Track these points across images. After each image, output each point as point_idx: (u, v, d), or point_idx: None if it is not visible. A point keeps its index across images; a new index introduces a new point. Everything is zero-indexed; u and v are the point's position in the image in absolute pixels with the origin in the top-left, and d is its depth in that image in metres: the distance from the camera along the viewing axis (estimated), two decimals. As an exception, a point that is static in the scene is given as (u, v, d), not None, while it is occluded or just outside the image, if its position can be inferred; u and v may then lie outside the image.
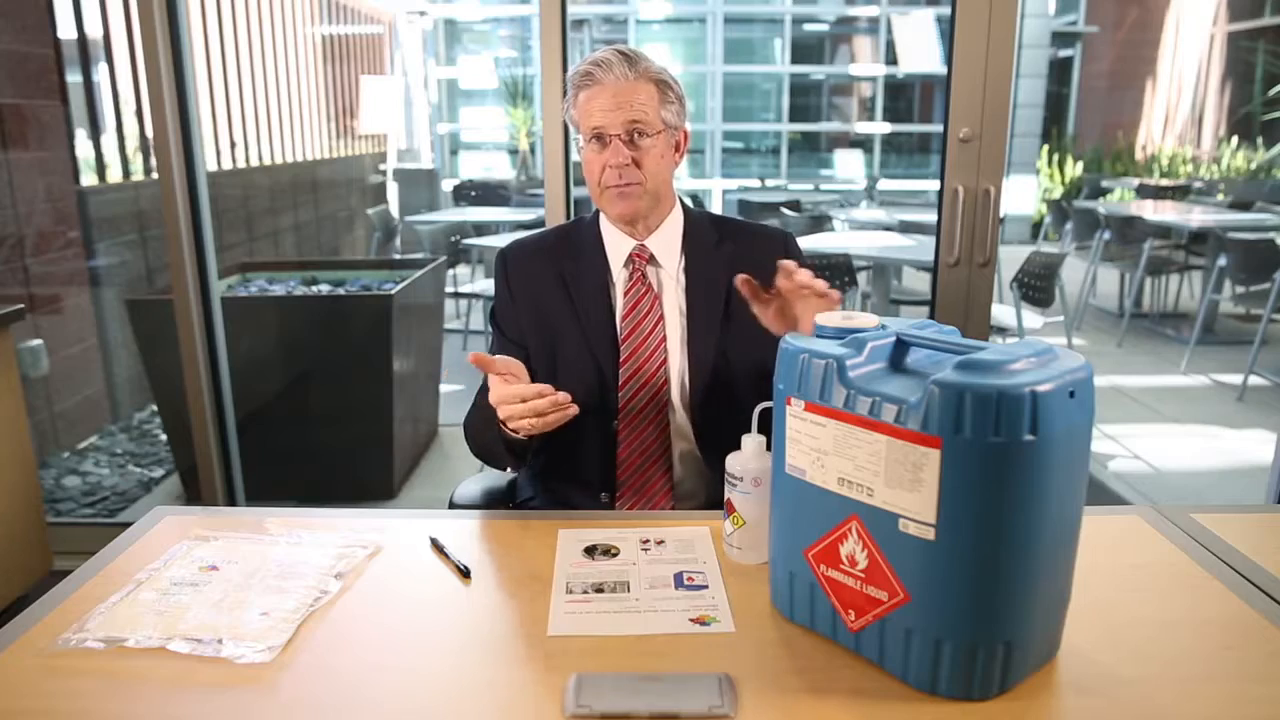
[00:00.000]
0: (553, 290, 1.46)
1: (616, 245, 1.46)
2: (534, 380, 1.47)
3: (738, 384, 1.41)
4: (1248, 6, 10.78)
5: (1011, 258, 4.61)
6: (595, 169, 1.39)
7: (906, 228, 5.47)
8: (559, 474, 1.49)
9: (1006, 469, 0.81)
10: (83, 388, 3.66)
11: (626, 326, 1.43)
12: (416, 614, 1.04)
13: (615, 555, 1.16)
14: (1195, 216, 5.99)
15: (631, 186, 1.38)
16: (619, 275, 1.46)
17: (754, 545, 1.12)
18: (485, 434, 1.38)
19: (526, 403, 1.19)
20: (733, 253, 1.46)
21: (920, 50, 10.70)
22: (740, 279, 1.22)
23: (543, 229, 1.59)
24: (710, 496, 1.43)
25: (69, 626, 0.99)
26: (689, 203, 1.55)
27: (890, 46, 10.91)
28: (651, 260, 1.45)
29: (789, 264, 1.17)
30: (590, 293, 1.45)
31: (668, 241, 1.46)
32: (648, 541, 1.20)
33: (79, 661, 0.94)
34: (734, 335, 1.42)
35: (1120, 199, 8.84)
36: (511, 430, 1.27)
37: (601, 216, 1.49)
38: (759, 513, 1.09)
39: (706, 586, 1.09)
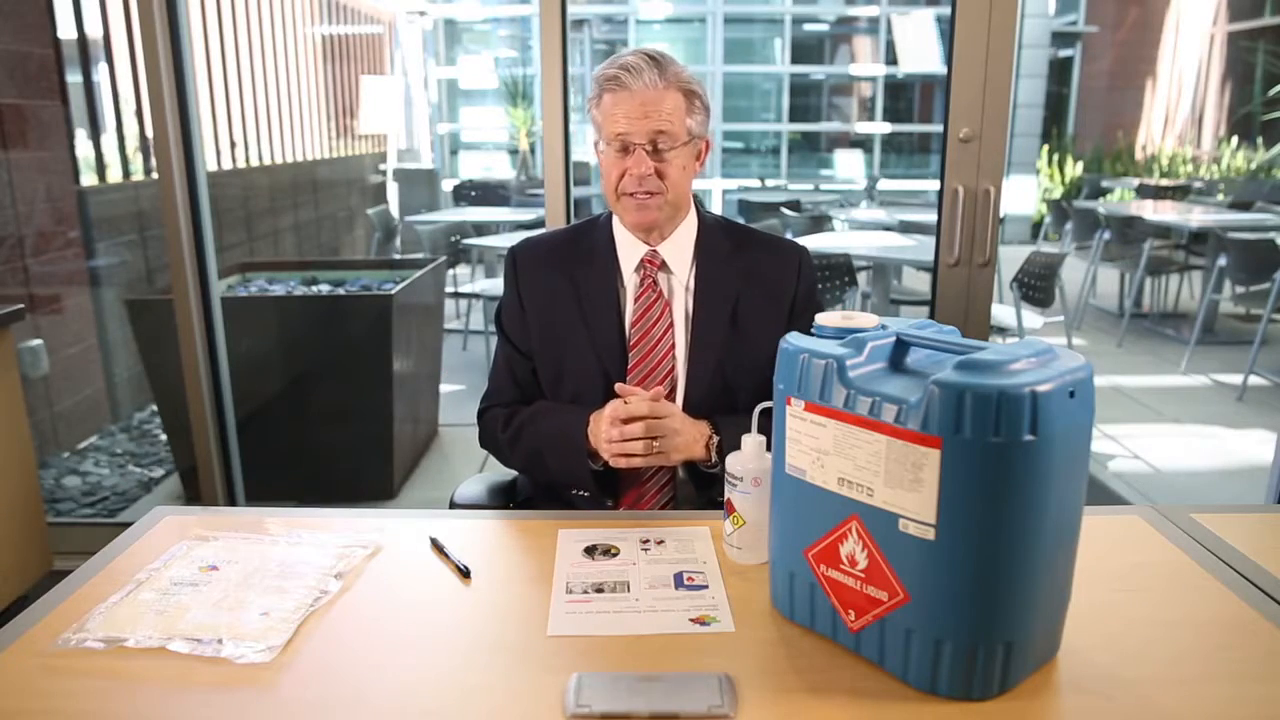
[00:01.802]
0: (562, 294, 1.45)
1: (628, 250, 1.45)
2: (539, 383, 1.48)
3: (739, 394, 1.41)
4: (1248, 6, 10.78)
5: (1011, 258, 4.61)
6: (614, 174, 1.37)
7: (906, 228, 5.47)
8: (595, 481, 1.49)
9: (1006, 469, 0.81)
10: (83, 388, 3.66)
11: (636, 333, 1.43)
12: (416, 614, 1.04)
13: (615, 555, 1.16)
14: (1195, 216, 5.99)
15: (652, 197, 1.36)
16: (630, 280, 1.45)
17: (754, 545, 1.12)
18: (565, 467, 1.40)
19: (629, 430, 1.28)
20: (745, 264, 1.45)
21: (920, 50, 10.70)
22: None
23: (555, 228, 1.58)
24: (712, 504, 1.42)
25: (69, 626, 0.99)
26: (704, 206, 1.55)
27: (890, 46, 10.91)
28: (663, 267, 1.44)
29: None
30: (600, 298, 1.44)
31: (680, 248, 1.45)
32: (648, 541, 1.20)
33: (79, 661, 0.94)
34: (737, 346, 1.42)
35: (1120, 199, 8.84)
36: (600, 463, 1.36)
37: (615, 220, 1.47)
38: (759, 513, 1.09)
39: (706, 586, 1.09)
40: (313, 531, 1.23)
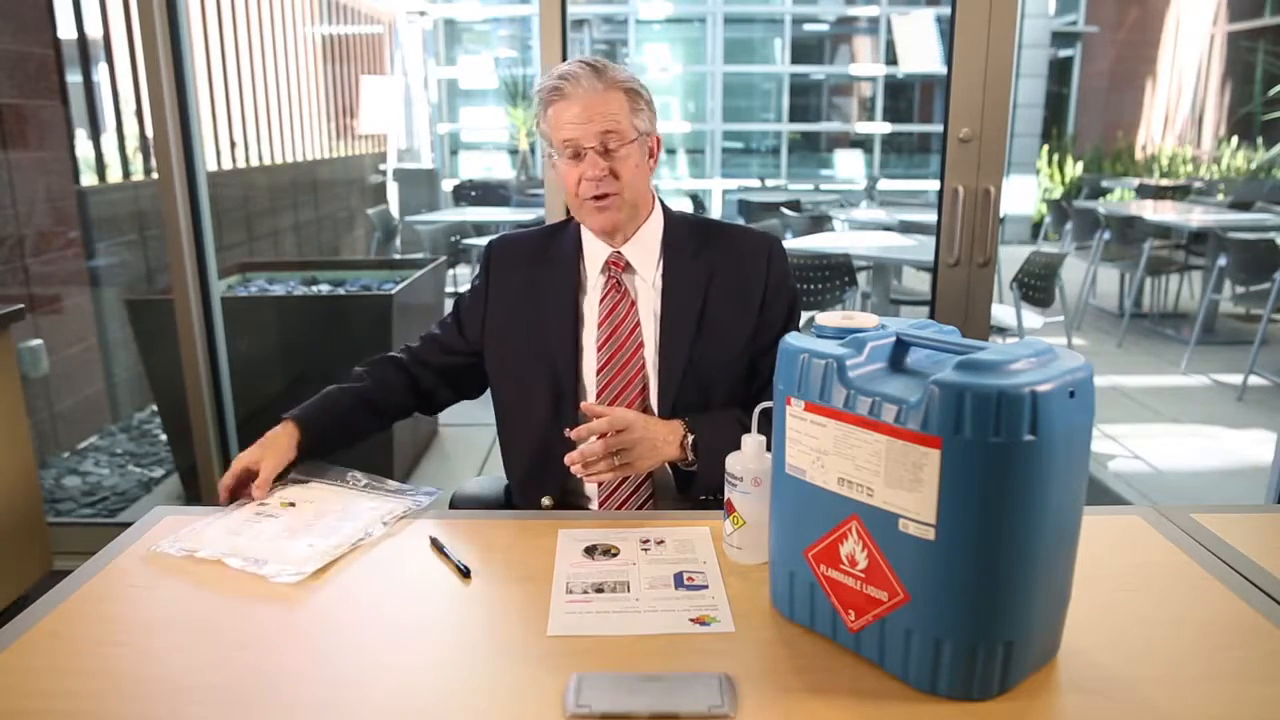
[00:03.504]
0: (524, 295, 1.47)
1: (594, 252, 1.46)
2: (491, 384, 1.52)
3: (713, 389, 1.41)
4: (1248, 6, 10.78)
5: (1011, 258, 4.61)
6: (571, 182, 1.38)
7: (906, 228, 5.47)
8: (533, 480, 1.49)
9: (1006, 469, 0.81)
10: (83, 388, 3.66)
11: (603, 333, 1.43)
12: (416, 614, 1.04)
13: (615, 555, 1.17)
14: (1195, 216, 5.99)
15: (610, 198, 1.37)
16: (596, 282, 1.45)
17: (754, 545, 1.12)
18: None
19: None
20: (712, 259, 1.45)
21: (920, 50, 10.69)
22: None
23: (533, 227, 1.59)
24: (696, 504, 1.43)
25: (166, 536, 1.19)
26: (669, 204, 1.54)
27: (890, 46, 10.90)
28: (627, 268, 1.44)
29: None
30: (555, 302, 1.45)
31: (645, 248, 1.45)
32: (648, 541, 1.20)
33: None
34: (708, 342, 1.42)
35: (1120, 199, 8.84)
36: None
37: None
38: (759, 513, 1.09)
39: (706, 586, 1.09)
40: (383, 482, 1.37)
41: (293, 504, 1.30)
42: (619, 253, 1.44)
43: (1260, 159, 9.83)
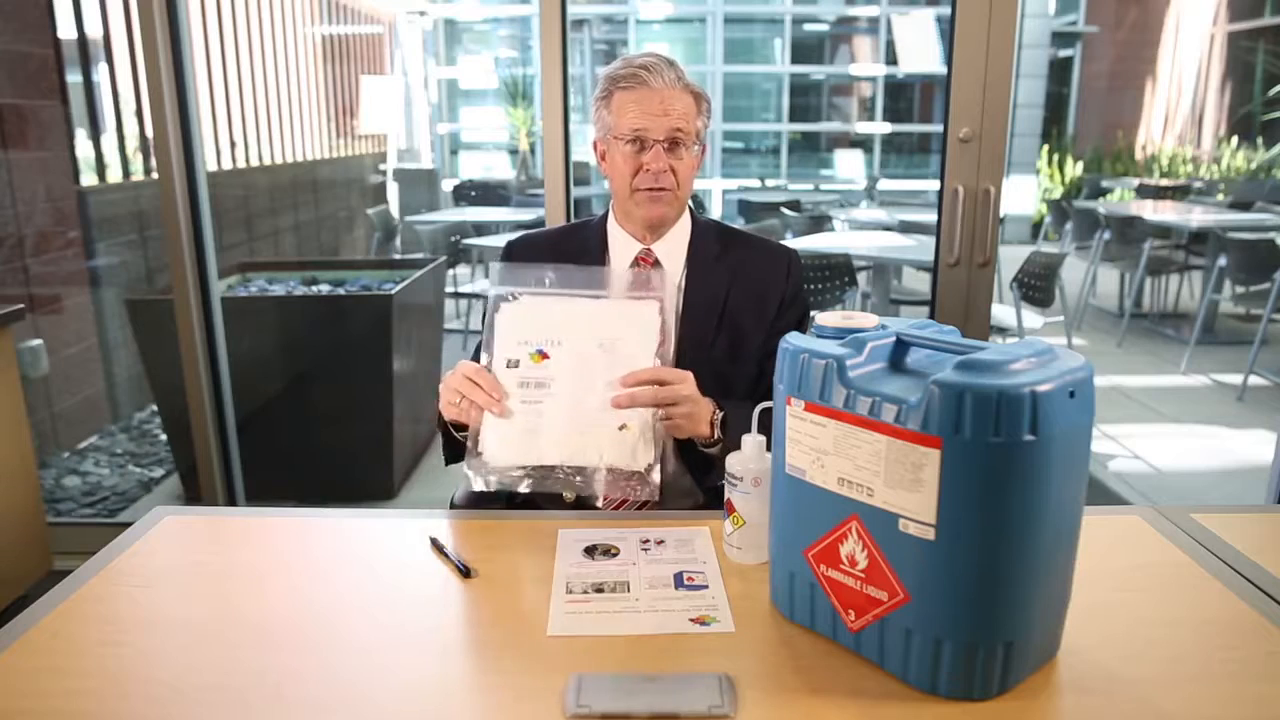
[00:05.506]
0: None
1: (622, 248, 1.47)
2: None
3: (727, 390, 1.41)
4: (1248, 6, 10.78)
5: (1011, 258, 4.61)
6: (628, 171, 1.39)
7: (906, 228, 5.47)
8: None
9: (1006, 469, 0.81)
10: (83, 388, 3.66)
11: None
12: (416, 614, 1.04)
13: (615, 555, 1.17)
14: (1195, 216, 5.99)
15: (664, 193, 1.39)
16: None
17: (754, 545, 1.12)
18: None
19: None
20: (734, 265, 1.47)
21: (920, 50, 10.69)
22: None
23: (551, 227, 1.61)
24: (697, 501, 1.44)
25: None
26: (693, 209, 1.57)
27: (890, 46, 10.90)
28: (656, 264, 1.46)
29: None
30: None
31: (673, 248, 1.48)
32: (648, 541, 1.20)
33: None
34: (726, 344, 1.44)
35: (1120, 199, 8.83)
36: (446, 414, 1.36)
37: (610, 219, 1.49)
38: (759, 513, 1.09)
39: (706, 586, 1.09)
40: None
41: (543, 383, 1.28)
42: (649, 249, 1.46)
43: (1260, 159, 9.83)
